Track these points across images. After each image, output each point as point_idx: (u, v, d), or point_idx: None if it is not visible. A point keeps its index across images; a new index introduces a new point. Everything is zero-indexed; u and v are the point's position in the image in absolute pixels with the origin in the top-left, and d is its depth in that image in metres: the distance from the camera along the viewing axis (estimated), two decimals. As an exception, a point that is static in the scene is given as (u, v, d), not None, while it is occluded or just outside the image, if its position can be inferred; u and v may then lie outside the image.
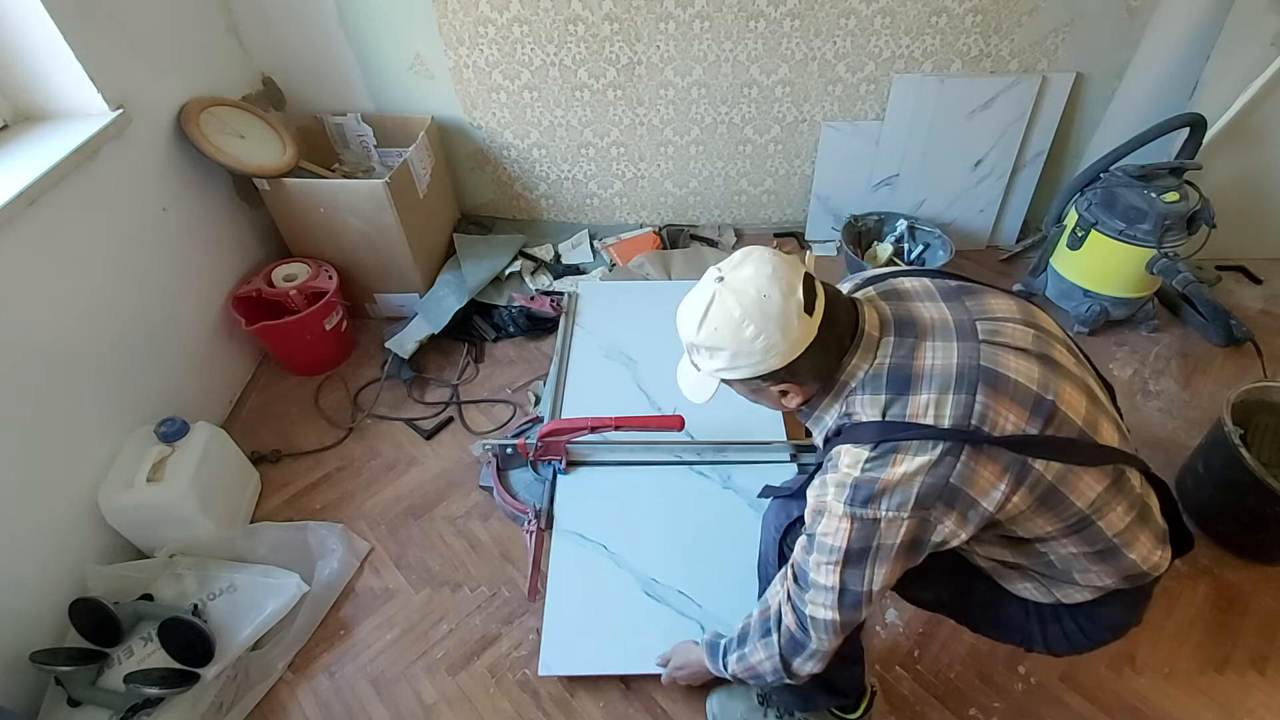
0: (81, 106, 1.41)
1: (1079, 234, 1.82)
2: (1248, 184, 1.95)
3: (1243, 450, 1.31)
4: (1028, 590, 0.92)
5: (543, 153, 2.17)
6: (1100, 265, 1.83)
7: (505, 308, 2.01)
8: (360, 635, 1.36)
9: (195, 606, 1.27)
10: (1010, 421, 0.74)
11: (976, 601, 0.98)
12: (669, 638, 1.22)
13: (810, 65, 1.95)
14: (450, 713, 1.25)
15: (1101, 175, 1.83)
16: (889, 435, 0.75)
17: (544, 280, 2.12)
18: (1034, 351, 0.79)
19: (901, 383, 0.77)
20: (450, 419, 1.78)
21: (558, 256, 2.23)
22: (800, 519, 0.91)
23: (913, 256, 2.09)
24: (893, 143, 2.06)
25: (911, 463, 0.74)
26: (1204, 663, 1.27)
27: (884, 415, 0.77)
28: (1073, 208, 1.87)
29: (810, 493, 0.83)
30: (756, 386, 0.85)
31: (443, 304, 1.91)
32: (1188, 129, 1.76)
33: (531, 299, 2.00)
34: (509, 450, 1.56)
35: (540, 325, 2.00)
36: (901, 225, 2.09)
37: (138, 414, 1.47)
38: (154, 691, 1.16)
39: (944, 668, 1.28)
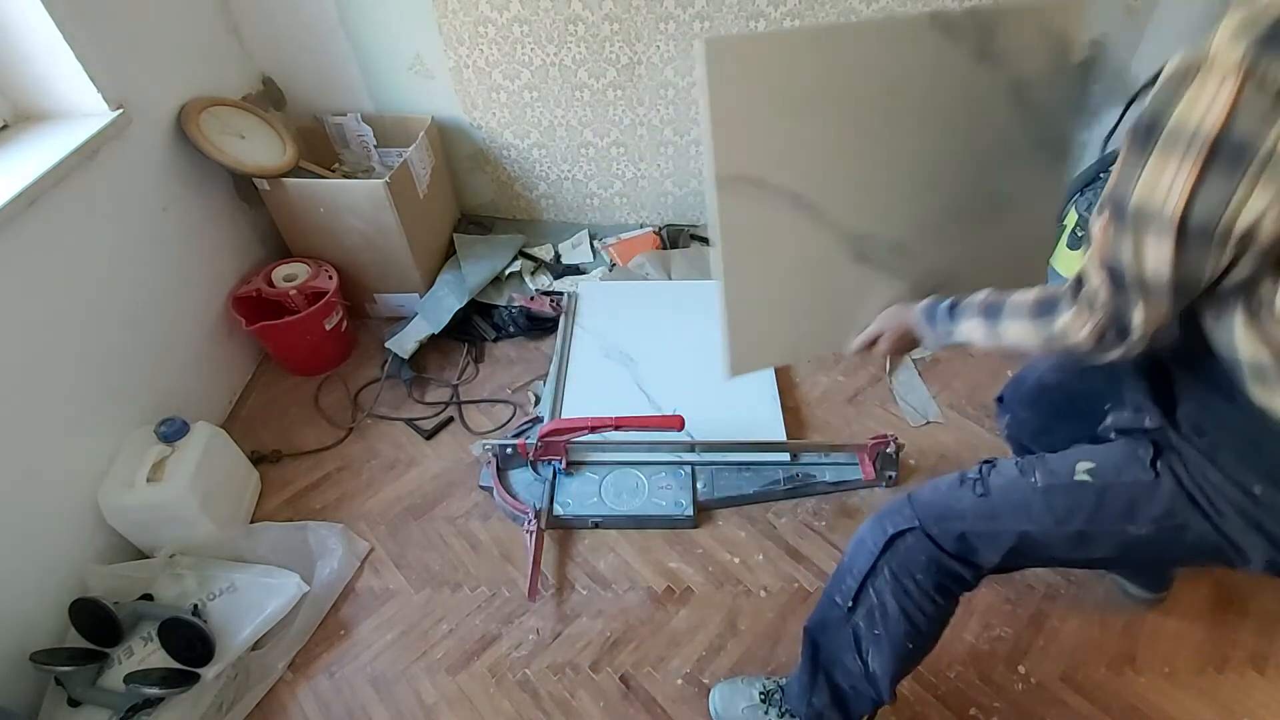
0: (81, 106, 1.41)
1: (1079, 234, 1.82)
2: (1248, 184, 1.94)
3: (1243, 450, 1.31)
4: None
5: (543, 153, 2.17)
6: (1100, 265, 1.83)
7: (505, 308, 2.01)
8: (360, 635, 1.36)
9: (195, 606, 1.27)
10: None
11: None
12: (874, 310, 1.00)
13: (810, 65, 1.94)
14: (450, 713, 1.25)
15: (1101, 175, 1.83)
16: None
17: (544, 280, 2.12)
18: None
19: None
20: (450, 419, 1.78)
21: (558, 256, 2.23)
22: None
23: (913, 256, 2.08)
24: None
25: None
26: (1204, 663, 1.27)
27: None
28: (1073, 208, 1.87)
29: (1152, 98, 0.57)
30: None
31: (443, 304, 1.91)
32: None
33: (531, 299, 2.00)
34: (509, 450, 1.56)
35: (540, 325, 2.00)
36: (901, 225, 2.09)
37: (138, 414, 1.47)
38: (154, 691, 1.16)
39: (944, 668, 1.28)
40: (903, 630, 0.91)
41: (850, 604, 0.94)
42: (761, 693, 1.17)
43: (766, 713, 1.15)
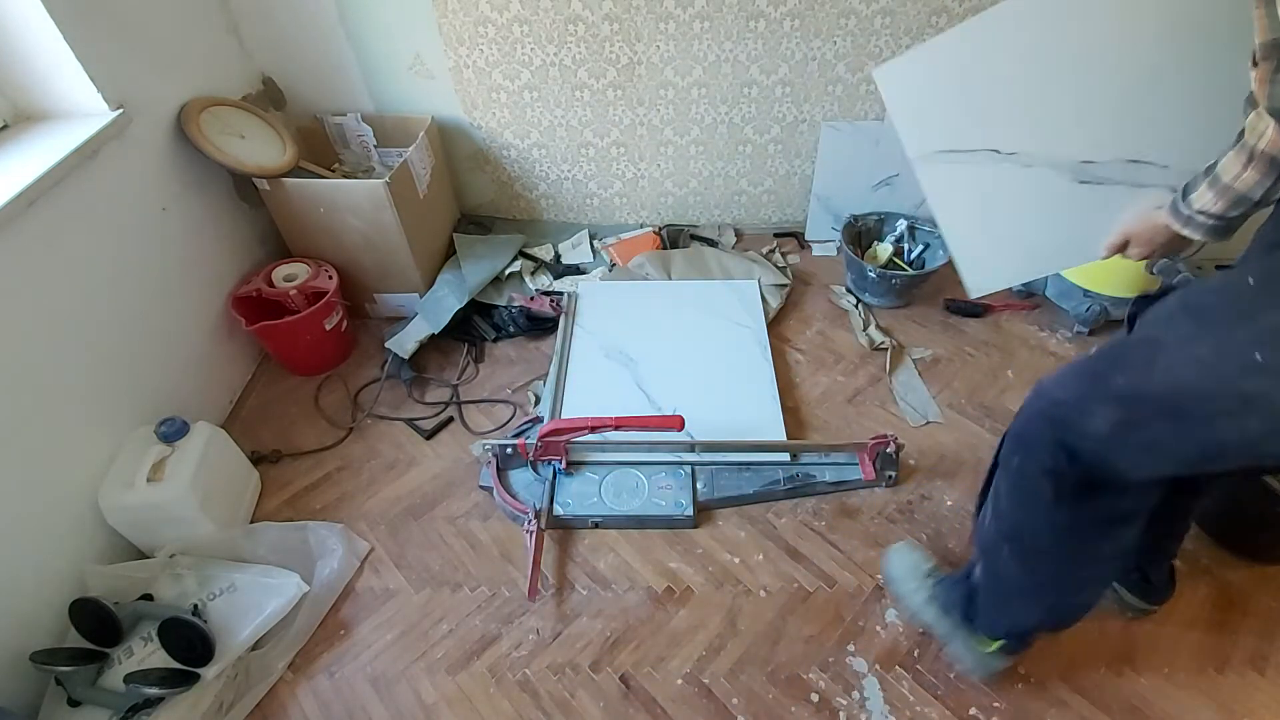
0: (81, 106, 1.41)
1: (1079, 234, 1.82)
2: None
3: (1243, 450, 1.31)
4: None
5: (543, 153, 2.17)
6: (1100, 265, 1.80)
7: (505, 308, 2.01)
8: (360, 635, 1.36)
9: (195, 606, 1.27)
10: None
11: None
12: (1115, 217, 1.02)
13: (810, 65, 1.95)
14: (450, 713, 1.25)
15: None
16: None
17: (544, 280, 2.12)
18: None
19: None
20: (450, 419, 1.78)
21: (558, 256, 2.23)
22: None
23: (912, 256, 2.09)
24: (893, 143, 2.04)
25: None
26: (1204, 663, 1.27)
27: None
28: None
29: None
30: None
31: (443, 304, 1.91)
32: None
33: (531, 299, 2.00)
34: (509, 450, 1.56)
35: (540, 325, 2.00)
36: (901, 225, 2.09)
37: (138, 414, 1.47)
38: (154, 691, 1.16)
39: (944, 668, 1.28)
40: None
41: None
42: (930, 568, 1.32)
43: (922, 587, 1.29)
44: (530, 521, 1.44)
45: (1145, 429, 0.86)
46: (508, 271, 2.11)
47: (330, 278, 1.81)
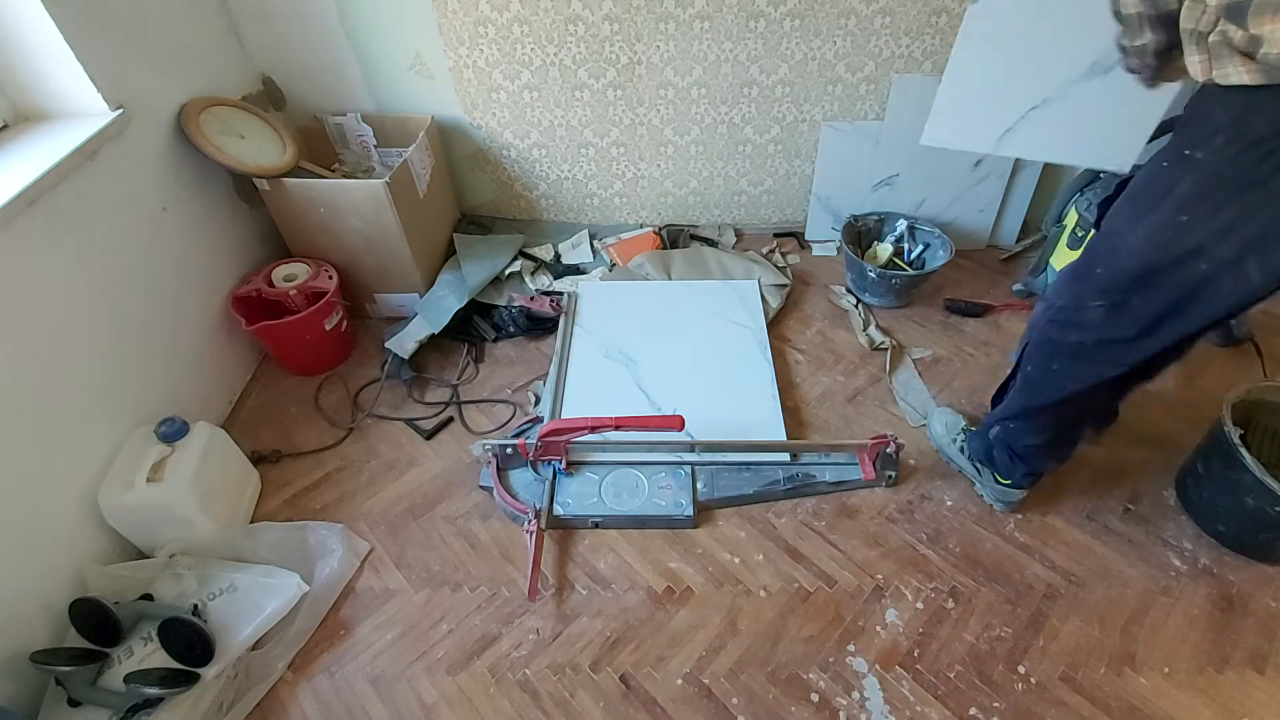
0: (81, 106, 1.41)
1: (1079, 234, 1.82)
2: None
3: (1242, 450, 1.31)
4: None
5: (543, 153, 2.17)
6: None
7: (505, 308, 2.01)
8: (360, 635, 1.36)
9: (195, 606, 1.28)
10: None
11: None
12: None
13: (810, 65, 1.95)
14: (450, 713, 1.25)
15: (1101, 174, 1.83)
16: None
17: (544, 280, 2.12)
18: None
19: None
20: (450, 419, 1.78)
21: (558, 256, 2.23)
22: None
23: (912, 256, 2.09)
24: (893, 143, 2.06)
25: None
26: (1204, 663, 1.27)
27: None
28: (1073, 208, 1.87)
29: None
30: None
31: (443, 304, 1.91)
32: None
33: (531, 299, 2.00)
34: (509, 450, 1.56)
35: (540, 325, 2.00)
36: (901, 225, 2.09)
37: (138, 414, 1.47)
38: (154, 691, 1.16)
39: (944, 668, 1.28)
40: None
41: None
42: (964, 428, 1.58)
43: (954, 441, 1.57)
44: (530, 521, 1.44)
45: (1128, 305, 1.03)
46: (508, 271, 2.11)
47: (330, 278, 1.81)
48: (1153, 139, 1.38)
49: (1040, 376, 1.23)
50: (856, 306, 2.04)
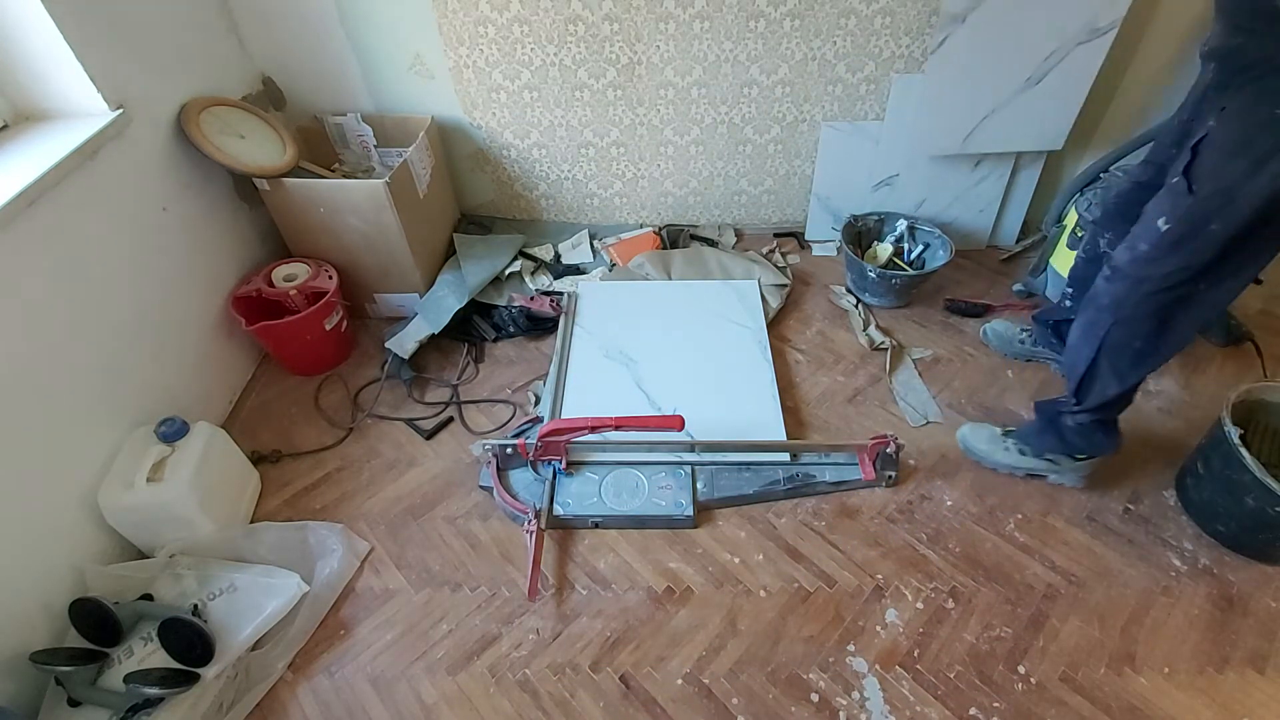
0: (81, 106, 1.41)
1: (1079, 234, 1.82)
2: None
3: (1242, 450, 1.31)
4: None
5: (543, 153, 2.17)
6: (1100, 265, 1.84)
7: (505, 308, 2.01)
8: (360, 635, 1.36)
9: (195, 606, 1.27)
10: None
11: None
12: None
13: (810, 65, 1.95)
14: (450, 713, 1.25)
15: (1101, 175, 1.83)
16: None
17: (544, 280, 2.12)
18: None
19: None
20: (450, 419, 1.78)
21: (558, 256, 2.23)
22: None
23: (912, 257, 2.09)
24: (893, 143, 2.06)
25: None
26: (1204, 663, 1.27)
27: None
28: (1073, 208, 1.87)
29: None
30: None
31: (443, 304, 1.91)
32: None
33: (531, 299, 2.00)
34: (509, 450, 1.56)
35: (540, 325, 2.00)
36: (901, 225, 2.09)
37: (138, 414, 1.47)
38: (154, 691, 1.16)
39: (944, 668, 1.28)
40: None
41: None
42: (1005, 428, 1.58)
43: (1005, 444, 1.56)
44: (530, 521, 1.44)
45: (1248, 246, 1.09)
46: (508, 271, 2.11)
47: (330, 278, 1.81)
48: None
49: (1149, 345, 1.26)
50: (856, 306, 2.04)
